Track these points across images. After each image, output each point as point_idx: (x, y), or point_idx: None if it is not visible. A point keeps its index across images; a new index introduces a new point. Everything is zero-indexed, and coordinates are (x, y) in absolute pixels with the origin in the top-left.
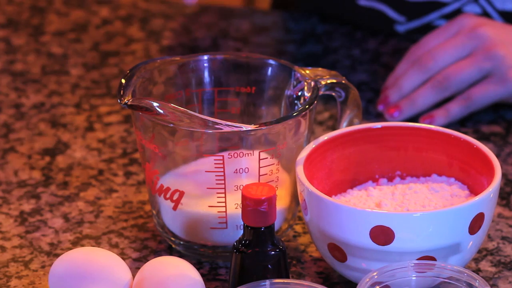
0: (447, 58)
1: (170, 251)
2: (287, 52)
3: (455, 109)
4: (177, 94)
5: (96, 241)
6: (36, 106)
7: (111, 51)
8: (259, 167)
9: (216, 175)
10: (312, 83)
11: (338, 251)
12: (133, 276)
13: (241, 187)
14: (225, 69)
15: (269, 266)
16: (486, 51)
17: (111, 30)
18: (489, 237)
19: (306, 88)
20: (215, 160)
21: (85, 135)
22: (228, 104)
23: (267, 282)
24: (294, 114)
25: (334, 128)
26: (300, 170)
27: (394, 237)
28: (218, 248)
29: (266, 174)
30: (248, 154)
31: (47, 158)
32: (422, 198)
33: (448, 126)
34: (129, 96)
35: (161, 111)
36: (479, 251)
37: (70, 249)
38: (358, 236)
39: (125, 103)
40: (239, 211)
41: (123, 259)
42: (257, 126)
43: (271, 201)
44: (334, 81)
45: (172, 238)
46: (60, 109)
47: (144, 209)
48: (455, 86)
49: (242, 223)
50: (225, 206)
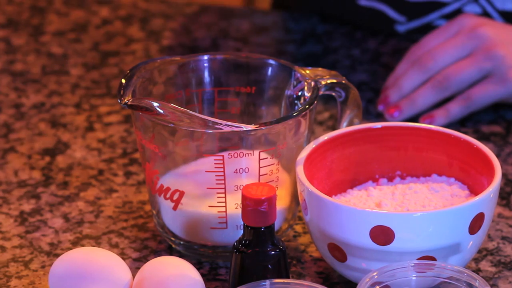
0: (447, 58)
1: (170, 251)
2: (287, 52)
3: (455, 109)
4: (177, 94)
5: (96, 241)
6: (36, 106)
7: (111, 51)
8: (259, 167)
9: (216, 175)
10: (312, 83)
11: (338, 251)
12: (133, 276)
13: (241, 187)
14: (225, 69)
15: (269, 266)
16: (486, 51)
17: (111, 30)
18: (489, 237)
19: (306, 88)
20: (215, 160)
21: (85, 135)
22: (228, 104)
23: (267, 282)
24: (294, 114)
25: (334, 128)
26: (300, 170)
27: (394, 237)
28: (218, 248)
29: (266, 174)
30: (248, 154)
31: (47, 158)
32: (422, 198)
33: (448, 126)
34: (129, 96)
35: (161, 111)
36: (479, 251)
37: (70, 249)
38: (358, 236)
39: (125, 103)
40: (239, 211)
41: (123, 259)
42: (257, 126)
43: (271, 201)
44: (334, 81)
45: (172, 238)
46: (60, 109)
47: (144, 209)
48: (455, 86)
49: (242, 223)
50: (225, 206)
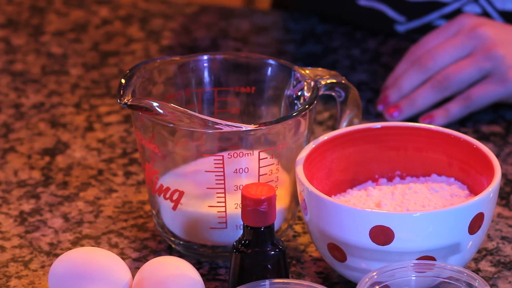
0: (447, 58)
1: (170, 251)
2: (287, 52)
3: (455, 109)
4: (177, 94)
5: (96, 241)
6: (36, 106)
7: (111, 51)
8: (259, 167)
9: (216, 175)
10: (312, 83)
11: (338, 251)
12: (133, 276)
13: (241, 187)
14: (225, 69)
15: (269, 266)
16: (486, 51)
17: (111, 30)
18: (489, 237)
19: (306, 88)
20: (215, 160)
21: (85, 135)
22: (228, 104)
23: (267, 282)
24: (294, 114)
25: (334, 128)
26: (300, 170)
27: (394, 237)
28: (218, 248)
29: (266, 174)
30: (248, 154)
31: (47, 158)
32: (422, 198)
33: (448, 126)
34: (129, 96)
35: (161, 111)
36: (479, 251)
37: (70, 249)
38: (358, 236)
39: (125, 103)
40: (239, 211)
41: (123, 259)
42: (257, 126)
43: (271, 201)
44: (334, 81)
45: (172, 238)
46: (60, 109)
47: (144, 209)
48: (455, 86)
49: (242, 223)
50: (225, 206)
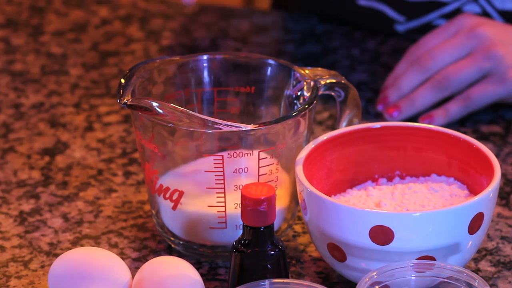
0: (447, 58)
1: (170, 251)
2: (287, 52)
3: (455, 109)
4: (177, 94)
5: (96, 241)
6: (36, 106)
7: (111, 51)
8: (259, 167)
9: (216, 175)
10: (312, 83)
11: (338, 251)
12: (133, 276)
13: (241, 187)
14: (225, 69)
15: (269, 266)
16: (486, 51)
17: (111, 30)
18: (489, 237)
19: (306, 88)
20: (215, 160)
21: (85, 135)
22: (228, 104)
23: (267, 282)
24: (294, 114)
25: (334, 128)
26: (300, 170)
27: (394, 237)
28: (218, 248)
29: (266, 174)
30: (248, 154)
31: (47, 158)
32: (422, 198)
33: (448, 126)
34: (129, 96)
35: (161, 111)
36: (479, 251)
37: (70, 249)
38: (358, 236)
39: (125, 103)
40: (239, 211)
41: (123, 259)
42: (257, 126)
43: (271, 201)
44: (334, 81)
45: (172, 238)
46: (60, 109)
47: (144, 209)
48: (455, 86)
49: (242, 223)
50: (225, 206)
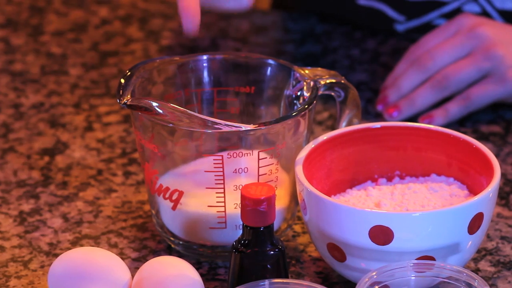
0: (446, 58)
1: (169, 251)
2: (286, 52)
3: (454, 109)
4: (177, 94)
5: (95, 241)
6: (35, 106)
7: (110, 51)
8: (258, 167)
9: (215, 175)
10: (311, 83)
11: (337, 251)
12: (132, 276)
13: (240, 187)
14: (224, 69)
15: (268, 266)
16: (485, 51)
17: (110, 30)
18: (488, 237)
19: (305, 88)
20: (214, 160)
21: (84, 135)
22: (228, 104)
23: (266, 282)
24: (293, 114)
25: (333, 128)
26: (299, 170)
27: (393, 237)
28: (217, 248)
29: (265, 174)
30: (247, 154)
31: (46, 158)
32: (421, 198)
33: (447, 126)
34: (128, 96)
35: (161, 111)
36: (478, 251)
37: (69, 249)
38: (357, 236)
39: (124, 103)
40: (238, 211)
41: (122, 259)
42: (256, 126)
43: (270, 201)
44: (333, 81)
45: (171, 238)
46: (59, 109)
47: (143, 209)
48: (454, 86)
49: (241, 223)
50: (224, 206)
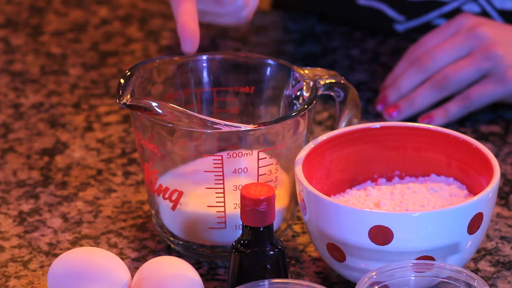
0: (446, 58)
1: (169, 251)
2: (286, 52)
3: (454, 109)
4: (176, 94)
5: (95, 241)
6: (35, 106)
7: (110, 51)
8: (258, 167)
9: (215, 175)
10: (311, 83)
11: (337, 251)
12: (132, 276)
13: (240, 187)
14: (224, 69)
15: (268, 266)
16: (485, 51)
17: (110, 30)
18: (488, 237)
19: (305, 88)
20: (214, 160)
21: (84, 135)
22: (227, 104)
23: (266, 282)
24: (293, 114)
25: (333, 128)
26: (299, 170)
27: (393, 237)
28: (217, 248)
29: (265, 174)
30: (247, 154)
31: (46, 158)
32: (421, 198)
33: (447, 126)
34: (128, 96)
35: (160, 111)
36: (478, 251)
37: (69, 249)
38: (357, 236)
39: (124, 103)
40: (238, 211)
41: (122, 259)
42: (256, 126)
43: (270, 201)
44: (333, 81)
45: (171, 238)
46: (59, 109)
47: (143, 209)
48: (454, 86)
49: (241, 223)
50: (224, 206)
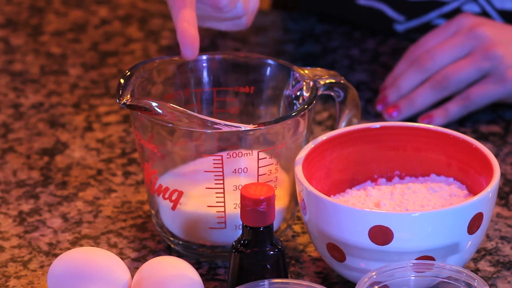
0: (446, 58)
1: (169, 251)
2: (286, 52)
3: (454, 109)
4: (176, 94)
5: (95, 241)
6: (35, 106)
7: (110, 51)
8: (258, 167)
9: (215, 175)
10: (311, 83)
11: (337, 251)
12: (132, 276)
13: (240, 187)
14: (224, 69)
15: (268, 266)
16: (485, 51)
17: (110, 30)
18: (488, 237)
19: (305, 88)
20: (214, 160)
21: (84, 135)
22: (227, 104)
23: (266, 282)
24: (293, 114)
25: (333, 128)
26: (299, 170)
27: (393, 237)
28: (217, 248)
29: (265, 174)
30: (247, 154)
31: (46, 158)
32: (421, 198)
33: (447, 126)
34: (128, 96)
35: (160, 111)
36: (478, 251)
37: (69, 249)
38: (357, 236)
39: (124, 103)
40: (238, 211)
41: (122, 259)
42: (256, 126)
43: (270, 201)
44: (333, 81)
45: (171, 238)
46: (59, 109)
47: (143, 209)
48: (454, 86)
49: (241, 223)
50: (224, 206)
